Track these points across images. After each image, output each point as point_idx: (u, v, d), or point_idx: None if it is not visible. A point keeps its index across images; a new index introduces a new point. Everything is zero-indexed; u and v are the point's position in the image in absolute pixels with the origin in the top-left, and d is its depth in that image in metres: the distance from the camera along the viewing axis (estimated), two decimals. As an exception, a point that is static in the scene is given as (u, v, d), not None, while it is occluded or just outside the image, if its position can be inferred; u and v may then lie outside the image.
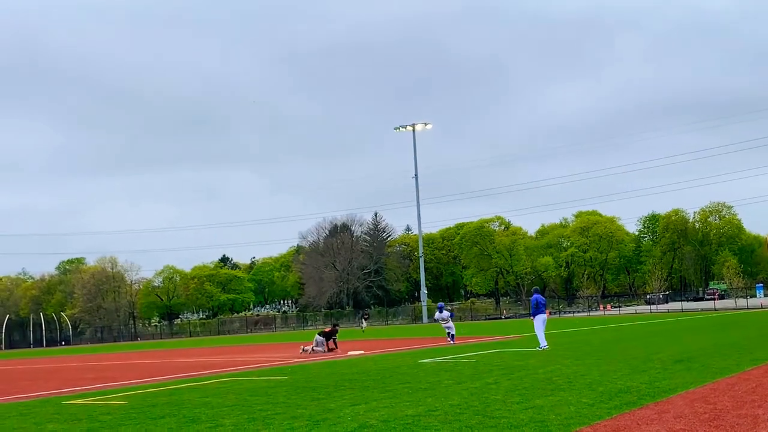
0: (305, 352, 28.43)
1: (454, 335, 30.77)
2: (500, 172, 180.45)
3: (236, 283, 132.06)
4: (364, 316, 66.08)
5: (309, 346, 29.20)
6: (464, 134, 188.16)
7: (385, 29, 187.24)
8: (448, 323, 30.96)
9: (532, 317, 24.15)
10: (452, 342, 30.05)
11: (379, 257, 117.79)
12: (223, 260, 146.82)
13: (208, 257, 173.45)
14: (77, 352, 58.39)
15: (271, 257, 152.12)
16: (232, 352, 35.09)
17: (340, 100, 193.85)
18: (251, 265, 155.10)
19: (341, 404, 11.80)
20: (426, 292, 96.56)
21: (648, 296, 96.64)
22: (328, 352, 28.45)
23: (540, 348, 22.58)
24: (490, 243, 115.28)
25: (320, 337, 29.55)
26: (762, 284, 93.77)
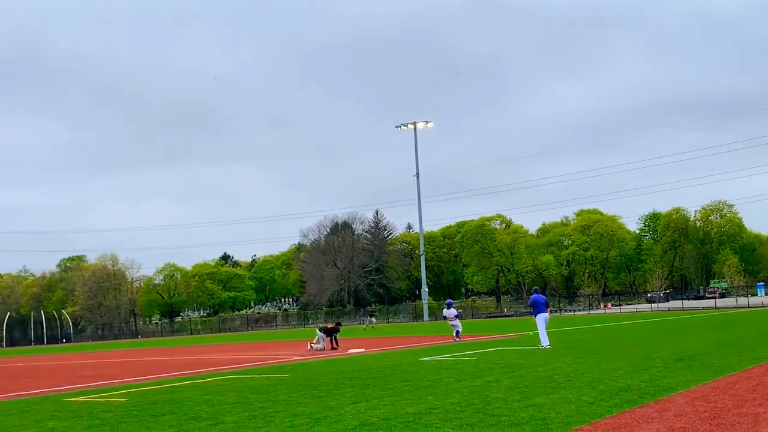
0: (312, 350, 28.41)
1: (459, 332, 30.80)
2: (501, 171, 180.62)
3: (237, 280, 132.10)
4: (371, 314, 66.07)
5: (316, 345, 29.15)
6: (465, 132, 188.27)
7: (386, 27, 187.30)
8: (454, 321, 30.98)
9: (534, 316, 24.24)
10: (458, 339, 30.07)
11: (380, 255, 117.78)
12: (225, 258, 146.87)
13: (209, 255, 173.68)
14: (78, 349, 58.42)
15: (272, 255, 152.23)
16: (233, 350, 35.10)
17: (342, 98, 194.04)
18: (252, 262, 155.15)
19: (342, 402, 11.80)
20: (427, 290, 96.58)
21: (649, 295, 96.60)
22: (331, 350, 28.45)
23: (542, 347, 22.60)
24: (491, 241, 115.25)
25: (321, 332, 29.60)
26: (763, 283, 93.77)
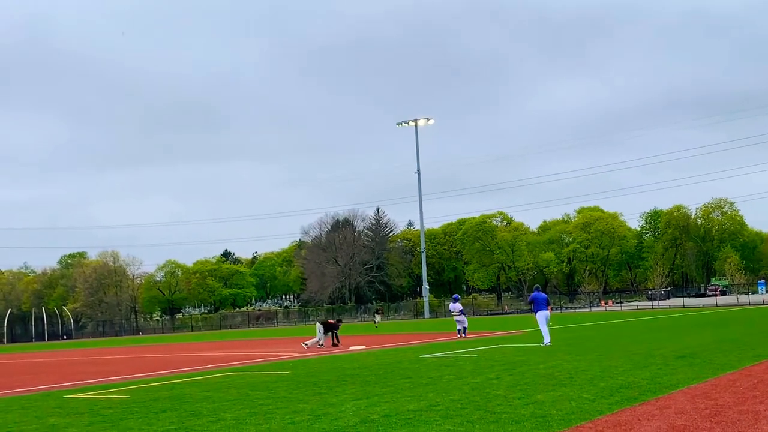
0: (308, 347, 28.24)
1: (465, 328, 30.82)
2: (502, 168, 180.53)
3: (238, 277, 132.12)
4: (378, 311, 66.02)
5: (309, 340, 29.02)
6: (467, 129, 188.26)
7: (387, 26, 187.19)
8: (459, 316, 31.02)
9: (534, 314, 24.28)
10: (464, 336, 30.09)
11: (381, 252, 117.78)
12: (225, 255, 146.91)
13: (210, 252, 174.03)
14: (79, 346, 58.45)
15: (273, 252, 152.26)
16: (234, 347, 35.11)
17: (343, 96, 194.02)
18: (253, 259, 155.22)
19: (343, 399, 11.80)
20: (428, 287, 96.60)
21: (649, 292, 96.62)
22: (332, 346, 28.43)
23: (544, 344, 22.64)
24: (492, 238, 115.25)
25: (321, 325, 29.46)
26: (764, 280, 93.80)
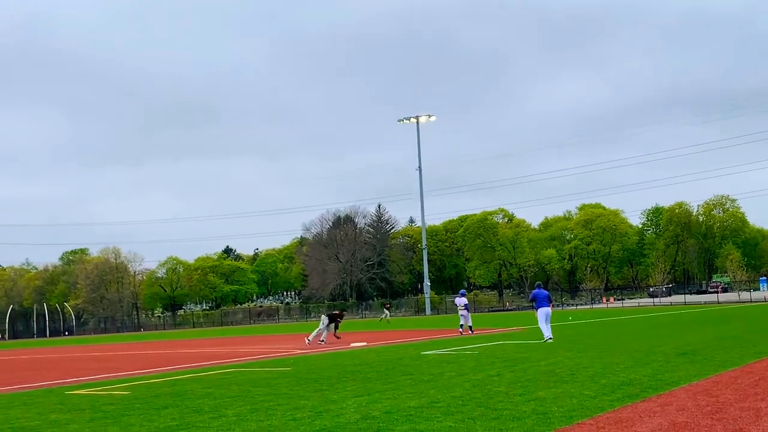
0: (309, 342, 28.24)
1: (470, 326, 30.85)
2: (504, 165, 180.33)
3: (239, 274, 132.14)
4: (387, 306, 65.73)
5: (311, 335, 28.98)
6: (468, 126, 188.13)
7: (389, 21, 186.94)
8: (463, 311, 31.05)
9: (535, 311, 24.33)
10: (469, 332, 30.13)
11: (383, 249, 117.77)
12: (227, 251, 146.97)
13: (212, 248, 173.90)
14: (80, 342, 58.52)
15: (274, 249, 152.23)
16: (235, 343, 35.14)
17: (345, 92, 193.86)
18: (255, 256, 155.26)
19: (344, 395, 11.81)
20: (429, 284, 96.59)
21: (651, 289, 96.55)
22: (336, 339, 28.54)
23: (544, 340, 22.66)
24: (493, 235, 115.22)
25: (326, 317, 29.53)
26: (765, 278, 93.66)
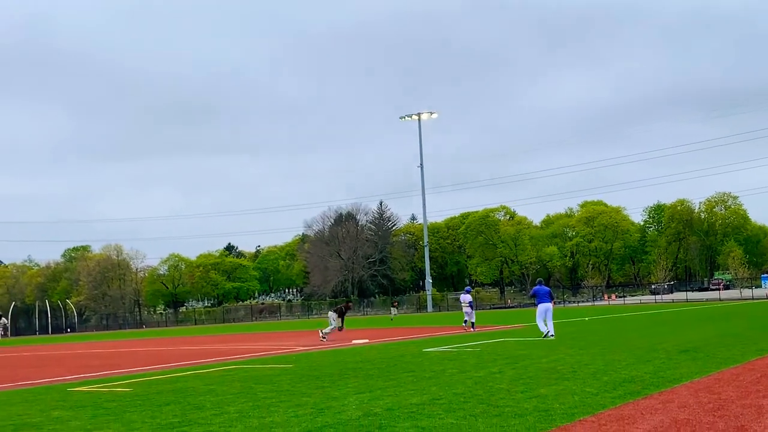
0: (326, 338, 28.21)
1: (473, 323, 30.87)
2: (505, 162, 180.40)
3: (241, 271, 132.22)
4: (394, 304, 65.59)
5: (327, 329, 28.90)
6: (470, 123, 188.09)
7: (391, 19, 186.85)
8: (466, 308, 31.08)
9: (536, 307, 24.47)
10: (472, 330, 30.14)
11: (384, 246, 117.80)
12: (229, 248, 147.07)
13: (214, 245, 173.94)
14: (82, 339, 58.57)
15: (276, 246, 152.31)
16: (237, 340, 35.15)
17: (346, 89, 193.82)
18: (256, 253, 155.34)
19: (345, 392, 11.81)
20: (431, 281, 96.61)
21: (653, 286, 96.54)
22: (338, 332, 28.65)
23: (543, 337, 22.74)
24: (495, 232, 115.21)
25: (333, 313, 29.57)
26: (767, 275, 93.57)
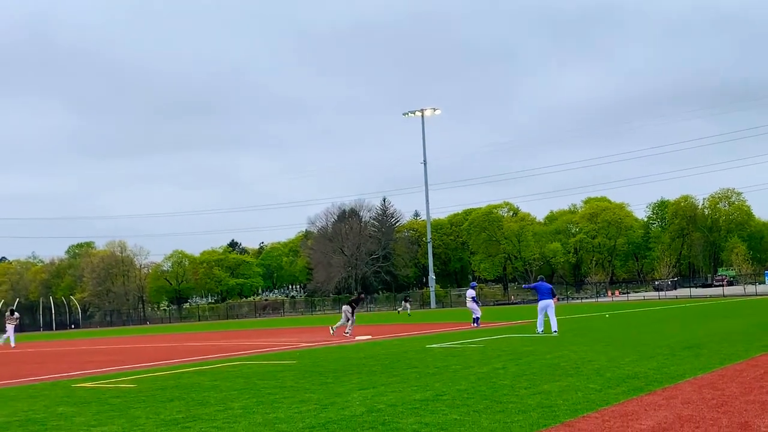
0: (350, 333, 28.29)
1: (478, 318, 30.87)
2: (509, 158, 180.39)
3: (245, 267, 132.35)
4: (407, 300, 65.26)
5: (347, 328, 28.94)
6: (473, 120, 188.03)
7: (394, 15, 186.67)
8: (471, 304, 31.09)
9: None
10: (476, 325, 30.16)
11: (388, 242, 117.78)
12: (232, 245, 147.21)
13: (217, 242, 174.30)
14: (87, 335, 58.70)
15: (279, 242, 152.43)
16: (241, 337, 35.20)
17: (350, 86, 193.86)
18: (260, 249, 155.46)
19: (349, 388, 11.82)
20: (434, 277, 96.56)
21: (656, 282, 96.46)
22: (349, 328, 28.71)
23: (537, 333, 22.93)
24: (498, 229, 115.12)
25: (348, 307, 29.57)
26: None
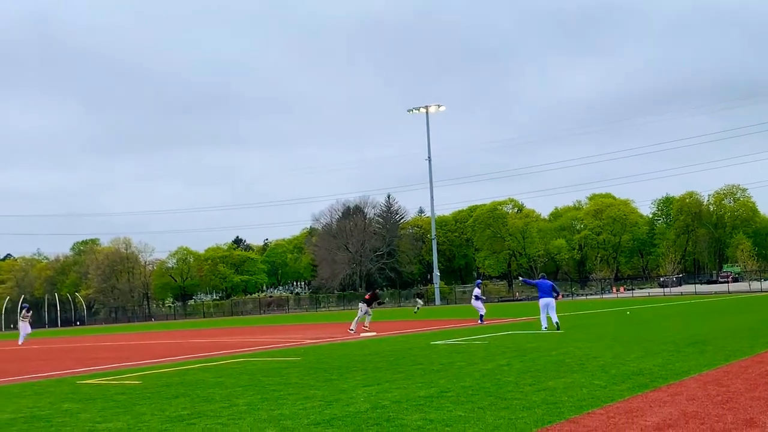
0: (368, 327, 28.32)
1: (482, 315, 30.91)
2: (513, 155, 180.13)
3: (249, 264, 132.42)
4: (419, 296, 64.72)
5: (364, 324, 28.96)
6: (478, 116, 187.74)
7: (398, 12, 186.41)
8: (475, 302, 31.12)
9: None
10: (480, 322, 30.20)
11: (392, 239, 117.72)
12: (237, 242, 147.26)
13: (222, 239, 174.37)
14: (92, 332, 58.83)
15: (284, 239, 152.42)
16: (245, 333, 35.26)
17: (354, 82, 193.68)
18: (264, 246, 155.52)
19: (354, 385, 11.83)
20: (438, 274, 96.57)
21: (661, 279, 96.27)
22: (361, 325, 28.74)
23: (542, 329, 22.95)
24: (502, 225, 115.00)
25: (363, 304, 29.60)
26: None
